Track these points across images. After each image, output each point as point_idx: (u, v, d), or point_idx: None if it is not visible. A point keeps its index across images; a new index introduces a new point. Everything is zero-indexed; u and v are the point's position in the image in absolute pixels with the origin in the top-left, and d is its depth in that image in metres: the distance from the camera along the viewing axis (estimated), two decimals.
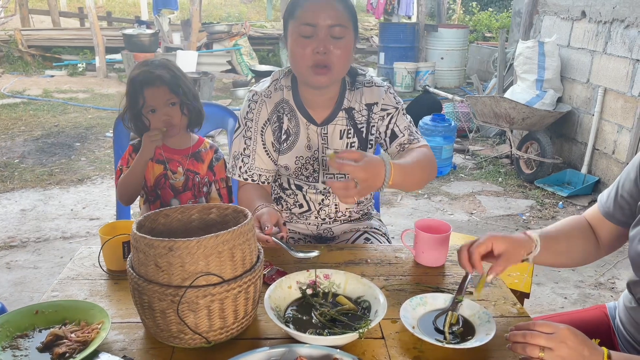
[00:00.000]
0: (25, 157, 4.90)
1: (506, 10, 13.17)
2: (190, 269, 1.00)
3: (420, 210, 4.01)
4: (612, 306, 1.38)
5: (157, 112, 1.70)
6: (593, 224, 1.30)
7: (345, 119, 1.59)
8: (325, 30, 1.41)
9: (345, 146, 1.60)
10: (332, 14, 1.41)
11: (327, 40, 1.41)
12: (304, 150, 1.59)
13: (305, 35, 1.42)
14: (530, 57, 4.65)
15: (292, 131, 1.59)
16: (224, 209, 1.22)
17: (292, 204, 1.68)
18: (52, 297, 1.23)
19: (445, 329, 1.11)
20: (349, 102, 1.59)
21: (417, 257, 1.43)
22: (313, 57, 1.42)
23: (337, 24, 1.41)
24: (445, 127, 4.66)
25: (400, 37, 8.46)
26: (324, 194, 1.65)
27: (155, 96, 1.68)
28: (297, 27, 1.43)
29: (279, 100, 1.59)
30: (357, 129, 1.59)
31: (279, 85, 1.60)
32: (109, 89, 7.91)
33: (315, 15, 1.40)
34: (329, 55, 1.42)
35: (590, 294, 2.91)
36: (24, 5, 10.92)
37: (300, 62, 1.44)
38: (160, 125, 1.72)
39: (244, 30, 9.69)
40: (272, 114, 1.59)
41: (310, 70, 1.44)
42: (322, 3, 1.42)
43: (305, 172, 1.61)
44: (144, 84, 1.67)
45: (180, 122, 1.74)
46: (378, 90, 1.59)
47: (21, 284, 2.86)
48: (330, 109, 1.58)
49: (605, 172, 4.24)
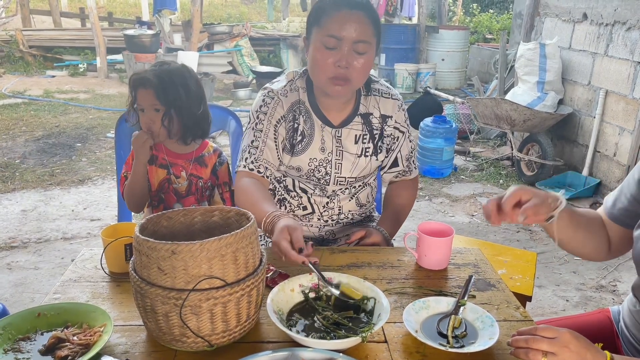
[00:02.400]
0: (26, 158, 4.90)
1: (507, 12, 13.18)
2: (193, 272, 1.00)
3: (421, 212, 4.00)
4: (616, 310, 1.37)
5: (144, 114, 1.71)
6: None
7: (361, 124, 1.60)
8: (349, 44, 1.41)
9: (361, 151, 1.61)
10: (358, 28, 1.40)
11: (350, 55, 1.41)
12: (318, 152, 1.59)
13: (328, 46, 1.41)
14: (531, 59, 4.65)
15: (307, 133, 1.58)
16: (227, 212, 1.21)
17: (295, 206, 1.68)
18: (54, 299, 1.23)
19: (448, 333, 1.11)
20: (366, 108, 1.60)
21: (419, 260, 1.43)
22: (334, 69, 1.42)
23: (361, 40, 1.41)
24: (446, 128, 4.65)
25: (401, 39, 8.47)
26: (330, 197, 1.65)
27: (143, 97, 1.70)
28: (322, 37, 1.42)
29: (295, 101, 1.59)
30: (372, 135, 1.61)
31: (295, 86, 1.60)
32: (110, 89, 7.92)
33: (341, 28, 1.39)
34: (349, 69, 1.42)
35: (591, 297, 2.90)
36: (25, 5, 10.92)
37: (320, 72, 1.45)
38: (144, 127, 1.73)
39: (245, 31, 9.69)
40: (289, 112, 1.58)
41: (329, 81, 1.44)
42: (350, 16, 1.40)
43: (318, 174, 1.61)
44: (137, 83, 1.70)
45: (160, 131, 1.70)
46: (393, 104, 1.63)
47: (22, 285, 2.86)
48: (347, 113, 1.59)
49: (606, 174, 4.23)
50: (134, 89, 1.71)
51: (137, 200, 1.79)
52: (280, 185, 1.70)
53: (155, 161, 1.81)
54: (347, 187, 1.65)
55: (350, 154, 1.60)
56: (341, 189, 1.65)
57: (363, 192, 1.72)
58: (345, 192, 1.66)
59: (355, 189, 1.68)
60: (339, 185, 1.64)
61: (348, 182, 1.64)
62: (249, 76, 8.73)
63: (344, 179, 1.63)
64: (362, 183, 1.68)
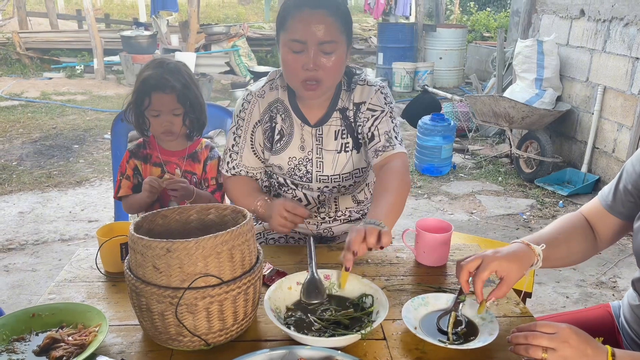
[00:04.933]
0: (23, 160, 4.88)
1: (504, 10, 13.18)
2: (188, 270, 0.99)
3: (420, 210, 3.99)
4: (617, 305, 1.36)
5: (160, 118, 1.69)
6: (592, 219, 1.28)
7: (339, 119, 1.57)
8: (315, 47, 1.37)
9: (340, 147, 1.58)
10: (322, 29, 1.36)
11: (317, 57, 1.38)
12: (297, 150, 1.58)
13: (295, 50, 1.39)
14: (529, 56, 4.64)
15: (286, 131, 1.58)
16: (223, 210, 1.20)
17: (290, 200, 1.67)
18: (49, 299, 1.22)
19: (448, 330, 1.10)
20: (343, 102, 1.57)
21: (418, 257, 1.42)
22: (304, 73, 1.40)
23: (327, 41, 1.37)
24: (445, 126, 4.65)
25: (398, 38, 8.45)
26: (318, 193, 1.64)
27: (162, 102, 1.67)
28: (288, 41, 1.40)
29: (273, 100, 1.58)
30: (350, 128, 1.58)
31: (275, 85, 1.60)
32: (107, 91, 7.90)
33: (305, 31, 1.36)
34: (319, 71, 1.40)
35: (591, 293, 2.90)
36: (21, 7, 10.90)
37: (291, 76, 1.45)
38: (160, 130, 1.71)
39: (242, 31, 9.68)
40: (265, 114, 1.59)
41: (301, 85, 1.44)
42: (312, 16, 1.37)
43: (299, 173, 1.60)
44: (154, 88, 1.66)
45: (180, 131, 1.74)
46: (368, 90, 1.55)
47: (19, 287, 2.85)
48: (325, 110, 1.57)
49: (605, 170, 4.23)
50: (147, 93, 1.66)
51: (135, 208, 1.81)
52: (272, 181, 1.70)
53: (149, 160, 1.80)
54: (335, 186, 1.63)
55: (330, 151, 1.57)
56: (327, 186, 1.62)
57: (360, 189, 1.70)
58: (334, 191, 1.64)
59: (346, 189, 1.66)
60: (322, 182, 1.61)
61: (332, 180, 1.61)
62: (247, 76, 8.72)
63: (326, 177, 1.60)
64: (353, 182, 1.65)
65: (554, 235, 1.23)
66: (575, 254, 1.25)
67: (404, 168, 1.47)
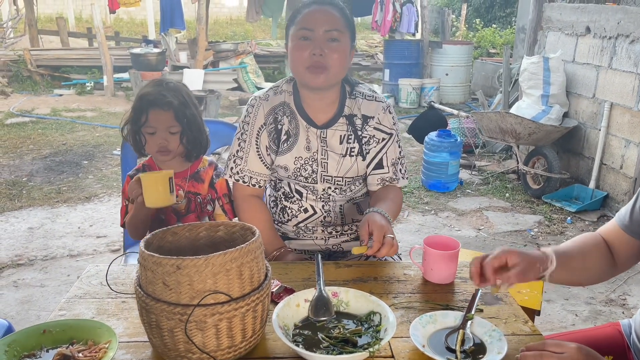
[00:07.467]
0: (33, 176, 4.93)
1: (510, 27, 13.24)
2: (198, 287, 1.00)
3: (427, 227, 3.98)
4: (627, 323, 1.35)
5: (156, 136, 1.67)
6: (610, 240, 1.27)
7: (346, 125, 1.63)
8: (322, 33, 1.50)
9: (345, 151, 1.63)
10: (328, 19, 1.51)
11: (323, 43, 1.50)
12: (303, 151, 1.63)
13: (303, 37, 1.51)
14: (535, 72, 4.66)
15: (292, 132, 1.63)
16: (232, 227, 1.21)
17: (297, 210, 1.69)
18: (59, 316, 1.23)
19: (457, 348, 1.09)
20: (350, 109, 1.64)
21: (425, 274, 1.42)
22: (310, 58, 1.50)
23: (333, 29, 1.51)
24: (451, 142, 4.65)
25: (405, 54, 8.51)
26: (324, 199, 1.67)
27: (159, 119, 1.66)
28: (296, 31, 1.53)
29: (279, 103, 1.64)
30: (357, 135, 1.64)
31: (280, 90, 1.66)
32: (116, 107, 7.98)
33: (312, 20, 1.51)
34: (325, 57, 1.50)
35: (601, 311, 2.87)
36: (33, 25, 11.08)
37: (298, 63, 1.52)
38: (155, 148, 1.69)
39: (250, 48, 9.79)
40: (269, 116, 1.63)
41: (307, 71, 1.51)
42: (319, 9, 1.52)
43: (304, 173, 1.64)
44: (151, 104, 1.65)
45: (177, 149, 1.71)
46: (377, 106, 1.65)
47: (28, 303, 2.86)
48: (331, 114, 1.63)
49: (613, 187, 4.21)
50: (144, 110, 1.65)
51: (140, 232, 1.74)
52: (279, 194, 1.72)
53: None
54: (338, 187, 1.66)
55: (335, 154, 1.63)
56: (330, 187, 1.66)
57: (364, 198, 1.73)
58: (337, 192, 1.66)
59: (352, 192, 1.69)
60: (327, 183, 1.65)
61: (335, 182, 1.65)
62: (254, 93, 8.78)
63: (330, 177, 1.65)
64: (356, 186, 1.68)
65: (571, 247, 1.24)
66: (591, 270, 1.24)
67: (399, 198, 1.68)
